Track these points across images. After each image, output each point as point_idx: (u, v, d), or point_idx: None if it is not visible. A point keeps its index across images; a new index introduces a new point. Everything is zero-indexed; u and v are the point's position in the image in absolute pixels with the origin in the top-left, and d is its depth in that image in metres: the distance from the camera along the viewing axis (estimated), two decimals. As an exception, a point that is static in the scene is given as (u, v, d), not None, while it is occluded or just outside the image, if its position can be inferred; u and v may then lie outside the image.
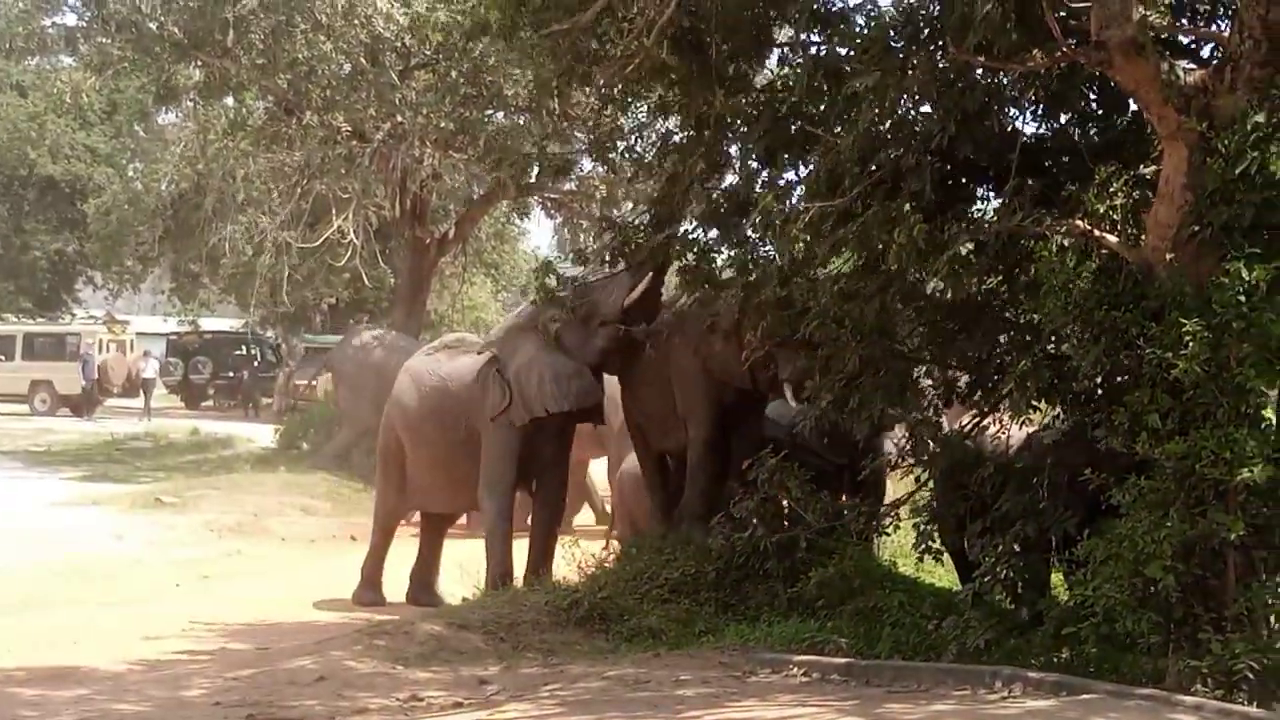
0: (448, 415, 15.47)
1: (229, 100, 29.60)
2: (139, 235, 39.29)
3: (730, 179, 13.06)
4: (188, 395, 48.22)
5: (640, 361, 14.45)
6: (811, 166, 11.97)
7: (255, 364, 47.70)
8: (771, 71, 13.29)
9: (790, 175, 12.58)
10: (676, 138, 13.42)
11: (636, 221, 13.70)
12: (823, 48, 11.98)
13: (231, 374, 47.50)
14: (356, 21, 25.55)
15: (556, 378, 14.53)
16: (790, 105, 12.23)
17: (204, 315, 51.35)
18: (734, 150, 12.90)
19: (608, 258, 13.76)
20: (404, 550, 16.79)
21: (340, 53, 26.61)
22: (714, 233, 13.01)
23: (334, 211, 30.50)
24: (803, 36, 12.18)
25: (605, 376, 15.11)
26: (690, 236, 13.11)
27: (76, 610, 15.09)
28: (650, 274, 14.05)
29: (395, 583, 16.52)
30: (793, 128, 12.13)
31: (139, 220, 38.58)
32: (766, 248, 12.65)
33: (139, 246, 40.76)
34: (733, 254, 12.91)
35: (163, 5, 26.36)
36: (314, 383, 37.56)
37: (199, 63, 27.29)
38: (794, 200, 12.13)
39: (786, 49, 12.61)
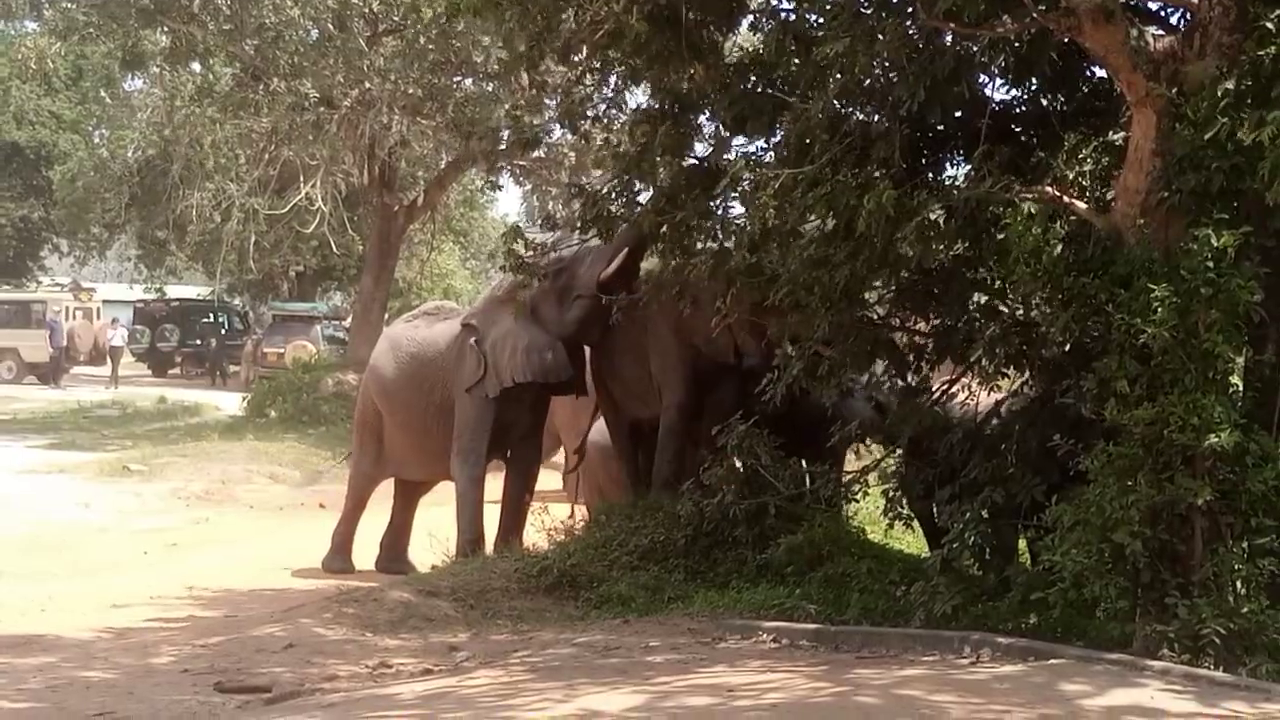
0: (424, 382, 15.49)
1: (196, 66, 29.53)
2: (105, 202, 39.11)
3: (700, 148, 13.04)
4: (155, 363, 48.04)
5: (615, 330, 14.43)
6: (781, 134, 11.94)
7: (222, 331, 47.54)
8: (742, 42, 13.21)
9: (760, 144, 12.58)
10: (646, 104, 13.36)
11: (606, 189, 13.62)
12: (793, 14, 11.94)
13: (199, 341, 47.33)
14: (324, -14, 25.48)
15: (528, 350, 14.55)
16: (760, 73, 12.21)
17: (171, 283, 51.24)
18: (704, 119, 12.86)
19: (577, 225, 13.71)
20: (373, 518, 16.77)
21: (308, 18, 26.57)
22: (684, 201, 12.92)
23: (302, 178, 30.46)
24: (773, 2, 12.15)
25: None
26: (660, 202, 12.99)
27: (43, 578, 15.03)
28: (627, 247, 14.02)
29: (367, 550, 16.51)
30: (762, 96, 12.10)
31: (105, 187, 38.40)
32: (736, 214, 12.63)
33: (105, 213, 40.59)
34: (702, 223, 12.84)
35: (128, -30, 26.25)
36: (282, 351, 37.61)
37: (165, 28, 27.19)
38: (763, 168, 12.11)
39: (757, 16, 12.56)
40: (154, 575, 15.33)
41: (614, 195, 13.38)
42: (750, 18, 12.75)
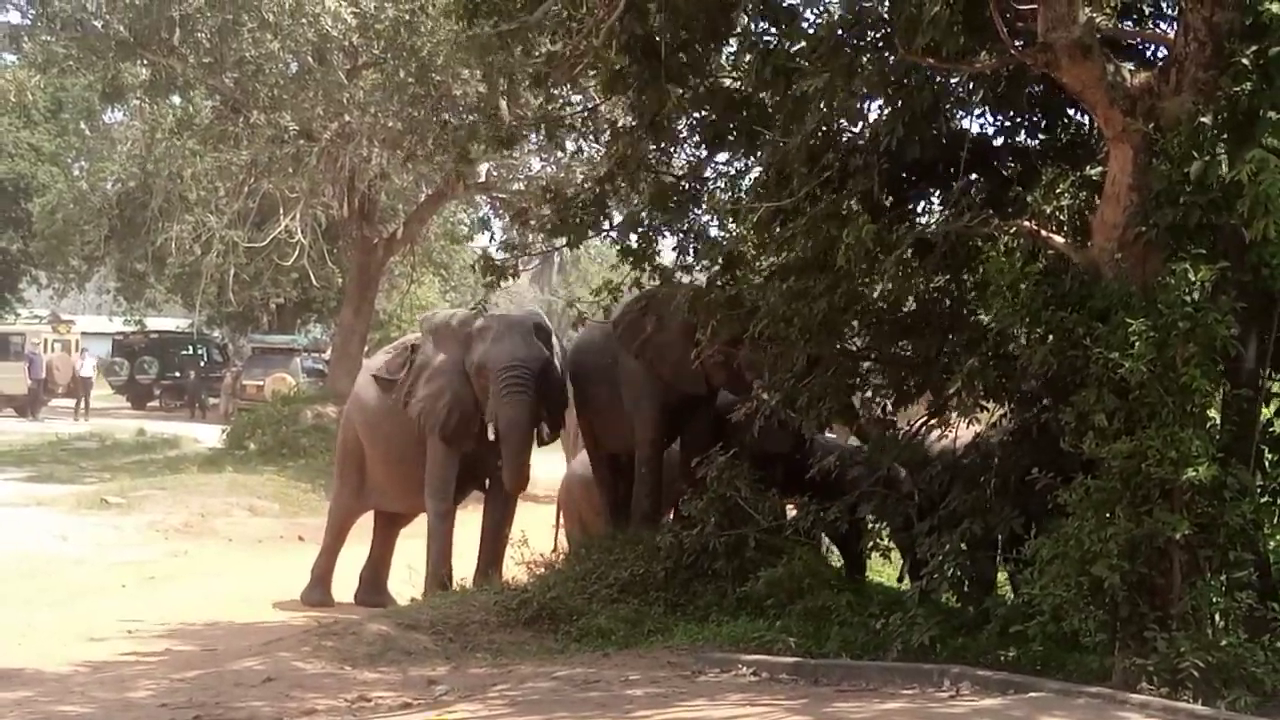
0: (402, 413, 15.46)
1: (175, 99, 29.51)
2: (84, 234, 38.99)
3: (678, 162, 13.07)
4: (133, 395, 47.90)
5: (588, 359, 14.44)
6: (760, 164, 11.97)
7: (202, 364, 47.45)
8: (724, 65, 13.21)
9: (739, 164, 12.62)
10: (623, 121, 13.37)
11: (578, 195, 13.52)
12: (772, 43, 11.97)
13: (178, 374, 47.25)
14: (304, 20, 25.47)
15: (450, 407, 14.78)
16: (740, 96, 12.25)
17: (150, 315, 51.06)
18: (682, 131, 12.87)
19: (548, 228, 13.58)
20: (353, 551, 16.72)
21: (288, 51, 26.57)
22: (661, 216, 12.89)
23: (281, 211, 30.46)
24: (753, 29, 12.17)
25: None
26: (637, 216, 12.96)
27: (21, 611, 14.95)
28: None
29: (346, 583, 16.46)
30: (741, 116, 12.14)
31: (84, 219, 38.28)
32: (713, 233, 12.69)
33: (84, 246, 40.46)
34: (679, 241, 12.84)
35: (108, 3, 26.28)
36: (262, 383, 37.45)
37: (145, 61, 27.20)
38: (742, 192, 12.16)
39: (736, 43, 12.59)
40: (132, 608, 15.24)
41: (585, 204, 13.30)
42: (730, 50, 12.80)
